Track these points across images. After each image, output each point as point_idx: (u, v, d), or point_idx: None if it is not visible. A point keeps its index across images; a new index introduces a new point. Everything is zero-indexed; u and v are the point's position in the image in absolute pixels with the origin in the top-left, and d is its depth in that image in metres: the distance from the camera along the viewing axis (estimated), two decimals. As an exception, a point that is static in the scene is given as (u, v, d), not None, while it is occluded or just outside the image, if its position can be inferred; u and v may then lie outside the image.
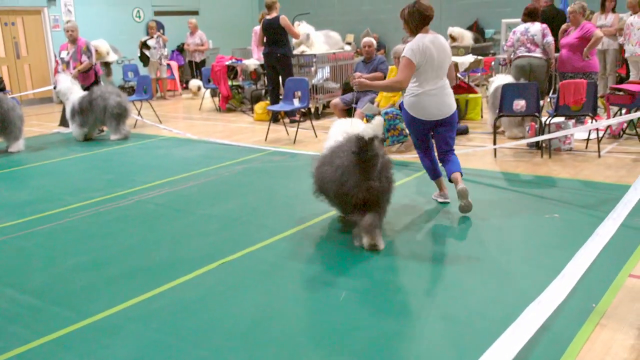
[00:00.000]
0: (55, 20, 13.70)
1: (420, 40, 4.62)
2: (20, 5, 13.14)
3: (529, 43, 7.20)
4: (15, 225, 4.88)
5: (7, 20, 13.11)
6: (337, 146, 4.27)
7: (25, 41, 13.51)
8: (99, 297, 3.48)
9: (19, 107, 8.14)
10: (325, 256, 4.02)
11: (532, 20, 7.26)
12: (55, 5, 13.68)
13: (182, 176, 6.31)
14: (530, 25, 7.24)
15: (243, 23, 17.37)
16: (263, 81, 11.00)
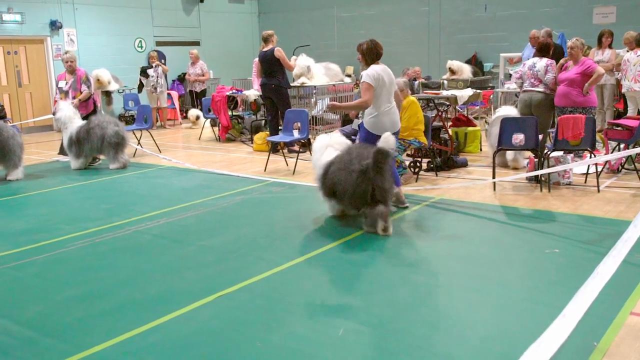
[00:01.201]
0: (58, 49, 13.83)
1: (374, 69, 5.61)
2: (24, 35, 13.28)
3: (533, 78, 7.30)
4: (11, 255, 4.83)
5: (10, 49, 13.24)
6: (346, 156, 5.20)
7: (27, 70, 13.62)
8: (94, 330, 3.43)
9: (19, 135, 8.15)
10: (323, 290, 3.98)
11: (543, 55, 7.38)
12: (59, 35, 13.83)
13: (180, 206, 6.29)
14: (538, 60, 7.36)
15: (244, 54, 17.55)
16: (263, 112, 11.06)
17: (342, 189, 5.10)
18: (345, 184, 5.05)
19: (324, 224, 5.59)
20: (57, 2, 13.69)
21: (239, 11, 17.89)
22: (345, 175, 5.05)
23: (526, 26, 12.38)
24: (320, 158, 5.57)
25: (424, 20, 15.08)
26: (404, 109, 6.97)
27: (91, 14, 14.34)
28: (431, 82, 10.08)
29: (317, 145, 5.71)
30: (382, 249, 4.78)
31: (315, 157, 5.67)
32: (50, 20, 13.59)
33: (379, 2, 15.73)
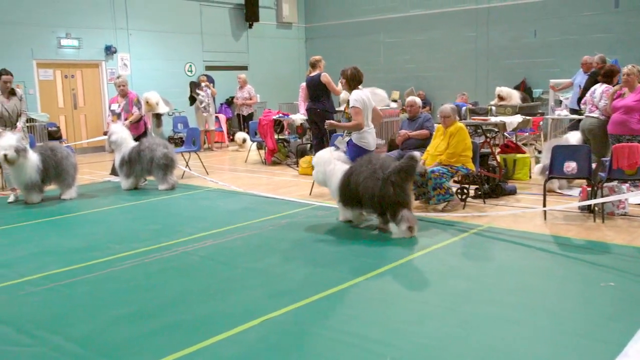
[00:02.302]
0: (112, 73, 14.30)
1: (358, 93, 6.42)
2: (81, 59, 13.80)
3: (591, 104, 7.20)
4: (64, 273, 4.95)
5: (67, 72, 13.77)
6: (369, 165, 5.82)
7: (83, 93, 14.12)
8: (142, 351, 3.47)
9: (73, 155, 8.42)
10: (369, 318, 3.92)
11: (607, 81, 7.30)
12: (113, 59, 14.32)
13: (227, 228, 6.35)
14: (598, 86, 7.29)
15: (290, 79, 17.78)
16: (309, 135, 11.13)
17: (366, 196, 5.74)
18: (372, 190, 5.67)
19: (369, 250, 5.54)
20: (112, 28, 14.20)
21: (286, 37, 18.18)
22: (374, 182, 5.68)
23: (577, 52, 12.17)
24: (333, 170, 6.25)
25: (471, 46, 15.00)
26: (452, 134, 6.91)
27: (144, 40, 14.82)
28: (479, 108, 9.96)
29: (322, 160, 6.38)
30: (428, 278, 4.70)
31: (322, 169, 6.34)
32: (106, 45, 14.10)
33: (426, 28, 15.74)
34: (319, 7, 18.13)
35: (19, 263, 5.25)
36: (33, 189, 7.88)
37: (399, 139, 7.82)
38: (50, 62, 13.36)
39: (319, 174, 6.45)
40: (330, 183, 6.36)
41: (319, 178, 6.50)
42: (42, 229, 6.61)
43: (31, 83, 12.98)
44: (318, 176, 6.50)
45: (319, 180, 6.53)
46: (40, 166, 7.80)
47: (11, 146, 7.45)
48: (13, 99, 8.12)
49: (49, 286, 4.63)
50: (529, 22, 13.94)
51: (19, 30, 12.70)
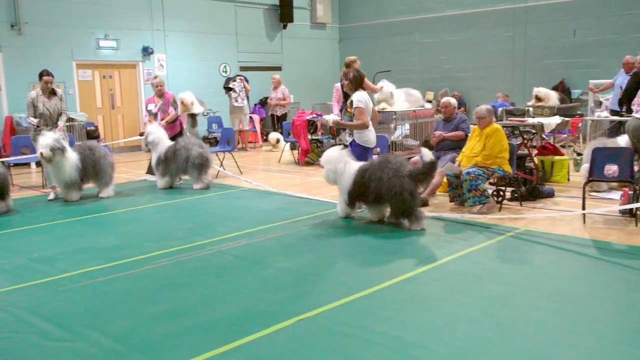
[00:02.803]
0: (148, 74, 14.53)
1: (361, 94, 6.65)
2: (119, 60, 14.06)
3: (637, 104, 7.02)
4: (101, 270, 5.04)
5: (105, 73, 14.05)
6: (387, 164, 6.15)
7: (120, 93, 14.38)
8: (177, 348, 3.50)
9: (110, 154, 8.58)
10: (404, 320, 3.89)
11: None
12: (150, 60, 14.55)
13: (260, 228, 6.38)
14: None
15: (324, 79, 17.80)
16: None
17: (382, 195, 6.09)
18: (395, 187, 5.99)
19: (403, 250, 5.51)
20: (149, 29, 14.43)
21: (320, 37, 18.22)
22: (395, 180, 6.00)
23: (616, 52, 11.89)
24: (344, 168, 6.42)
25: (508, 46, 14.79)
26: (488, 136, 6.82)
27: (180, 41, 15.02)
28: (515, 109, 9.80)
29: (332, 158, 6.54)
30: (463, 280, 4.64)
31: (333, 168, 6.49)
32: (143, 46, 14.34)
33: (461, 28, 15.58)
34: (353, 7, 18.10)
35: (58, 259, 5.37)
36: (72, 187, 8.05)
37: (433, 140, 7.74)
38: (89, 62, 13.66)
39: (330, 172, 6.57)
40: (341, 180, 6.50)
41: (330, 176, 6.61)
42: (81, 227, 6.75)
43: (71, 83, 13.29)
44: (329, 174, 6.61)
45: (330, 178, 6.64)
46: (79, 165, 7.96)
47: (47, 145, 7.62)
48: (54, 98, 8.31)
49: (87, 283, 4.72)
50: (568, 21, 13.67)
51: (60, 32, 13.01)
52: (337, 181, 6.60)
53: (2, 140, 12.23)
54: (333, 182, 6.69)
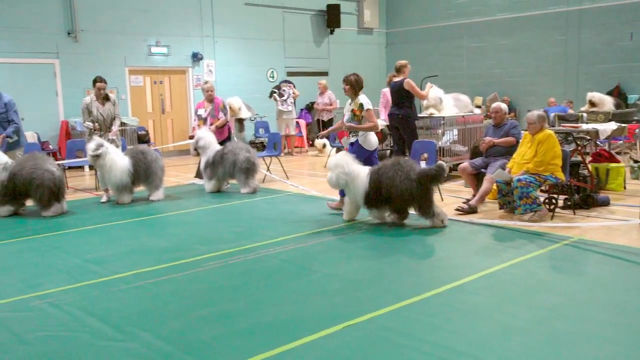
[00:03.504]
0: (198, 79, 14.81)
1: (365, 97, 7.09)
2: (169, 66, 14.38)
3: None
4: (152, 272, 5.14)
5: (156, 78, 14.38)
6: (400, 167, 6.35)
7: (170, 98, 14.69)
8: (227, 350, 3.53)
9: (161, 158, 8.75)
10: (452, 330, 3.81)
11: None
12: (199, 65, 14.82)
13: (307, 233, 6.39)
14: None
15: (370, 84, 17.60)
16: (389, 141, 11.04)
17: (396, 196, 6.30)
18: (406, 188, 6.24)
19: (453, 258, 5.42)
20: (199, 36, 14.71)
21: (367, 42, 18.19)
22: (409, 183, 6.22)
23: (678, 55, 11.44)
24: (356, 172, 6.50)
25: (561, 50, 14.43)
26: (540, 142, 6.65)
27: (229, 47, 15.24)
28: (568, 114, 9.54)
29: (342, 162, 6.53)
30: (515, 290, 4.52)
31: (344, 171, 6.48)
32: (192, 52, 14.62)
33: (512, 32, 15.29)
34: (401, 12, 18.01)
35: (111, 260, 5.50)
36: (124, 190, 8.25)
37: (483, 146, 7.61)
38: (140, 68, 14.01)
39: (341, 175, 6.51)
40: (354, 184, 6.54)
41: (340, 180, 6.56)
42: (132, 229, 6.91)
43: (123, 89, 13.65)
44: (339, 178, 6.54)
45: (339, 183, 6.59)
46: (130, 168, 8.15)
47: (90, 149, 7.87)
48: (107, 104, 8.53)
49: (139, 284, 4.81)
50: (624, 24, 13.25)
51: (114, 39, 13.39)
52: (347, 185, 6.59)
53: (58, 144, 12.67)
54: (343, 186, 6.68)
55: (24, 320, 4.07)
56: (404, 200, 6.36)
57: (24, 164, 7.47)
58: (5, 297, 4.53)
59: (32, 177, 7.34)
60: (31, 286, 4.79)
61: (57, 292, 4.62)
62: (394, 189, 6.30)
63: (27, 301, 4.44)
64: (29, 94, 12.22)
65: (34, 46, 12.39)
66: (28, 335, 3.80)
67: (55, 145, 12.62)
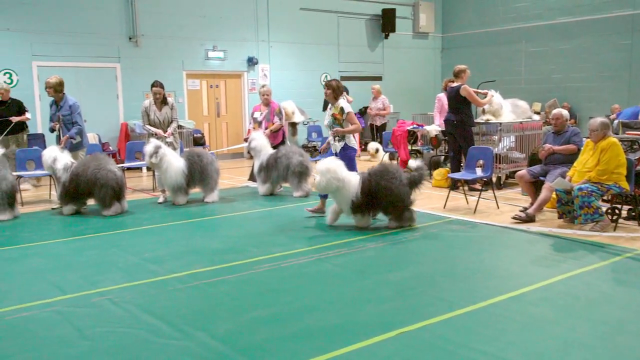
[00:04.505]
0: (252, 83, 15.01)
1: (345, 101, 7.39)
2: (225, 70, 14.63)
3: None
4: (207, 272, 5.22)
5: (212, 82, 14.66)
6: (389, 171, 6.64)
7: (226, 102, 14.94)
8: (279, 353, 3.55)
9: (216, 161, 8.90)
10: (510, 341, 3.71)
11: None
12: (254, 70, 15.02)
13: (359, 238, 6.36)
14: None
15: (424, 89, 17.59)
16: (443, 147, 10.91)
17: (390, 200, 6.55)
18: (400, 193, 6.56)
19: (510, 268, 5.29)
20: (255, 40, 14.91)
21: (422, 47, 18.03)
22: (403, 188, 6.58)
23: None
24: (348, 177, 6.56)
25: (625, 55, 13.91)
26: (603, 150, 6.42)
27: (283, 51, 15.39)
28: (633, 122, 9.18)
29: (334, 166, 6.55)
30: (575, 302, 4.37)
31: (336, 176, 6.49)
32: (248, 57, 14.83)
33: (574, 36, 14.85)
34: (457, 16, 17.77)
35: (167, 260, 5.63)
36: (179, 191, 8.43)
37: (542, 154, 7.40)
38: (197, 72, 14.31)
39: (333, 181, 6.51)
40: (345, 190, 6.56)
41: (331, 186, 6.54)
42: (187, 229, 7.05)
43: (181, 92, 13.97)
44: (330, 183, 6.52)
45: (329, 188, 6.59)
46: (185, 171, 8.33)
47: (147, 151, 8.07)
48: (165, 108, 8.74)
49: (194, 284, 4.90)
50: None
51: (172, 44, 13.73)
52: (337, 190, 6.59)
53: (118, 145, 13.07)
54: (331, 190, 6.66)
55: (86, 315, 4.21)
56: (398, 205, 6.58)
57: (88, 165, 7.74)
58: (69, 293, 4.70)
59: (96, 177, 7.59)
60: (92, 283, 4.95)
61: (116, 290, 4.76)
62: (392, 195, 6.50)
63: (88, 297, 4.59)
64: (92, 97, 12.67)
65: (97, 51, 12.84)
66: (89, 331, 3.92)
67: (115, 147, 13.03)
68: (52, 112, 8.45)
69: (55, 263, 5.63)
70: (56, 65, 12.22)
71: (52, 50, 12.34)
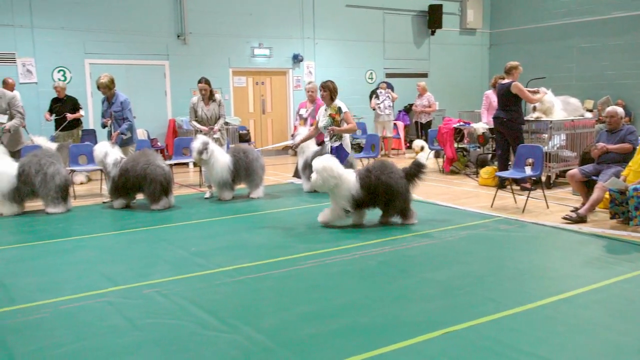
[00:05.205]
0: (297, 80, 15.07)
1: (340, 102, 7.72)
2: (271, 67, 14.74)
3: None
4: (252, 267, 5.28)
5: (258, 79, 14.79)
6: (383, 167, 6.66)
7: (271, 99, 15.06)
8: (324, 349, 3.56)
9: (261, 157, 8.98)
10: (559, 343, 3.62)
11: None
12: (299, 67, 15.08)
13: (404, 236, 6.32)
14: None
15: (471, 86, 17.31)
16: (490, 145, 10.72)
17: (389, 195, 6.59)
18: (400, 188, 6.59)
19: (556, 268, 5.17)
20: (300, 37, 14.97)
21: (469, 43, 17.75)
22: (403, 183, 6.61)
23: None
24: (345, 174, 6.56)
25: (684, 50, 13.36)
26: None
27: (329, 48, 15.40)
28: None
29: (331, 164, 6.53)
30: (628, 307, 4.23)
31: (334, 174, 6.47)
32: (293, 54, 14.91)
33: (629, 31, 14.36)
34: (506, 11, 17.42)
35: (214, 254, 5.71)
36: (225, 187, 8.54)
37: (595, 152, 7.20)
38: (243, 70, 14.47)
39: (330, 179, 6.48)
40: (342, 188, 6.54)
41: (328, 182, 6.51)
42: (233, 224, 7.13)
43: (227, 89, 14.15)
44: (327, 181, 6.49)
45: (328, 185, 6.53)
46: (231, 167, 8.43)
47: (195, 148, 8.19)
48: (212, 104, 8.87)
49: (240, 278, 4.96)
50: None
51: (219, 41, 13.92)
52: (334, 187, 6.55)
53: (166, 141, 13.34)
54: (329, 188, 6.58)
55: (136, 307, 4.32)
56: (397, 200, 6.62)
57: (137, 160, 7.92)
58: (120, 284, 4.82)
59: (145, 172, 7.77)
60: (142, 275, 5.07)
61: (165, 282, 4.86)
62: (392, 190, 6.55)
63: (138, 289, 4.70)
64: (141, 94, 12.97)
65: (147, 49, 13.13)
66: (140, 321, 4.02)
67: (163, 143, 13.30)
68: (104, 109, 8.68)
69: (107, 255, 5.79)
70: (107, 63, 12.56)
71: (104, 48, 12.68)
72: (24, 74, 11.96)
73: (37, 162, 7.68)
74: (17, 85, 11.36)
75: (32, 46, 11.99)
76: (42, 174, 7.61)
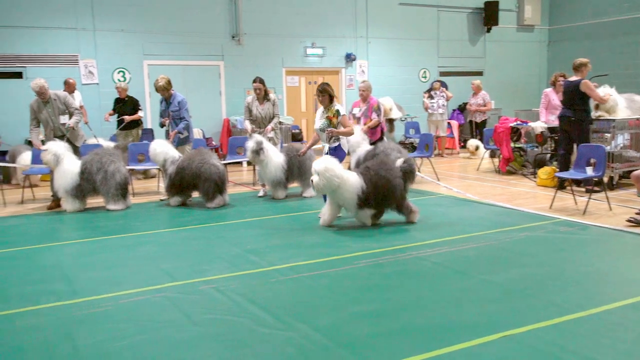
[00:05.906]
0: (350, 79, 15.04)
1: (338, 105, 7.44)
2: (323, 66, 14.77)
3: None
4: (307, 265, 5.29)
5: (310, 79, 14.84)
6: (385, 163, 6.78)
7: (324, 98, 15.05)
8: (380, 349, 3.53)
9: (314, 157, 8.97)
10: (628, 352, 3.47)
11: None
12: (352, 66, 15.05)
13: (460, 237, 6.20)
14: None
15: (528, 84, 16.89)
16: (549, 145, 10.41)
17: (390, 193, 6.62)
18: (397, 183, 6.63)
19: (624, 273, 4.97)
20: (353, 37, 14.93)
21: (527, 40, 17.31)
22: (400, 180, 6.68)
23: None
24: (347, 175, 6.53)
25: None
26: None
27: (382, 47, 15.31)
28: None
29: (333, 165, 6.51)
30: (703, 313, 4.02)
31: (337, 175, 6.43)
32: (346, 53, 14.89)
33: (697, 26, 13.68)
34: (566, 7, 16.89)
35: (268, 252, 5.76)
36: (279, 186, 8.61)
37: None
38: (296, 69, 14.54)
39: (333, 179, 6.42)
40: (345, 188, 6.50)
41: (332, 183, 6.44)
42: (286, 223, 7.17)
43: (280, 89, 14.26)
44: (331, 182, 6.43)
45: (331, 186, 6.47)
46: (284, 166, 8.50)
47: (250, 147, 8.26)
48: (266, 103, 8.95)
49: (294, 276, 4.98)
50: None
51: (273, 41, 14.04)
52: (338, 188, 6.50)
53: (220, 140, 13.55)
54: (331, 189, 6.51)
55: (194, 302, 4.39)
56: (397, 197, 6.67)
57: (193, 159, 8.07)
58: (178, 280, 4.93)
59: (200, 171, 7.91)
60: (198, 271, 5.16)
61: (221, 279, 4.93)
62: (394, 188, 6.59)
63: (195, 285, 4.79)
64: (197, 94, 13.21)
65: (203, 49, 13.37)
66: (197, 317, 4.09)
67: (217, 142, 13.52)
68: (162, 109, 8.89)
69: (165, 251, 5.92)
70: (165, 64, 12.86)
71: (161, 49, 12.99)
72: (86, 75, 12.38)
73: (99, 160, 7.93)
74: (79, 86, 11.78)
75: (94, 48, 12.40)
76: (103, 171, 7.86)
